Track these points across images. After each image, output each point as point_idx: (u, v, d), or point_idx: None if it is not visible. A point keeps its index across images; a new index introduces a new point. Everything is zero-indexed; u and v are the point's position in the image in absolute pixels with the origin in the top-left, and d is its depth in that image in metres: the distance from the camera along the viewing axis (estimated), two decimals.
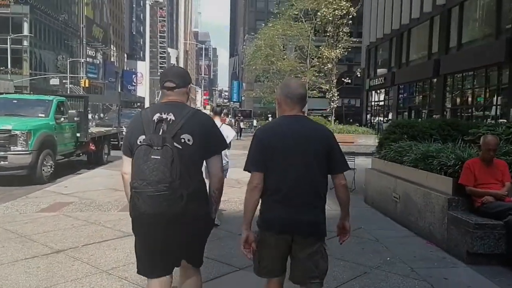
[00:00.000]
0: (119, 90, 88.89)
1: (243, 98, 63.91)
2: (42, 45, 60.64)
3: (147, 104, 15.99)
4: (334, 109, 19.43)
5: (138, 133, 2.43)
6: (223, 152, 2.80)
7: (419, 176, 5.88)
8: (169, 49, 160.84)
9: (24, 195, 7.89)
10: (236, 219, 5.53)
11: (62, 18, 66.56)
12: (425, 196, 5.56)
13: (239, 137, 26.61)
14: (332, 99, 19.09)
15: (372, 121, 34.21)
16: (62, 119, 10.54)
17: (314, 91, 28.59)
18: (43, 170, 9.58)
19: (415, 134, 7.50)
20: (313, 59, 25.49)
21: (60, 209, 6.80)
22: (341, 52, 19.36)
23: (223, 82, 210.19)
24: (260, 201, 2.58)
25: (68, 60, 60.52)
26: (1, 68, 48.92)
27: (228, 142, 5.83)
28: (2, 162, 8.89)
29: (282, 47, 28.53)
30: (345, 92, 36.32)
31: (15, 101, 10.89)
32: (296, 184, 2.49)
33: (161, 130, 2.38)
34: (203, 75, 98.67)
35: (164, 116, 2.43)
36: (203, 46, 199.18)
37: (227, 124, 6.51)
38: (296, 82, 2.77)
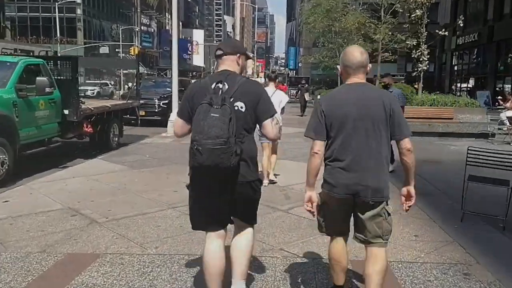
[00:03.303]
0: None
1: (300, 64, 59.10)
2: (96, 14, 59.46)
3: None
4: (422, 73, 14.64)
5: (201, 98, 2.53)
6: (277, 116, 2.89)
7: None
8: (225, 17, 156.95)
9: None
10: None
11: None
12: None
13: (303, 113, 21.14)
14: (421, 59, 14.34)
15: (457, 89, 28.41)
16: (29, 91, 7.08)
17: (387, 53, 23.59)
18: None
19: None
20: (386, 14, 20.49)
21: None
22: None
23: (280, 50, 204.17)
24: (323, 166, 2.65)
25: (120, 29, 58.61)
26: (59, 38, 47.62)
27: (282, 106, 6.28)
28: None
29: None
30: (409, 56, 30.41)
31: None
32: (358, 150, 2.55)
33: (220, 91, 2.54)
34: (256, 39, 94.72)
35: (219, 85, 2.57)
36: (260, 12, 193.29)
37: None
38: (355, 49, 2.73)
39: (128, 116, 12.19)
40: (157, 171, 7.44)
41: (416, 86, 14.34)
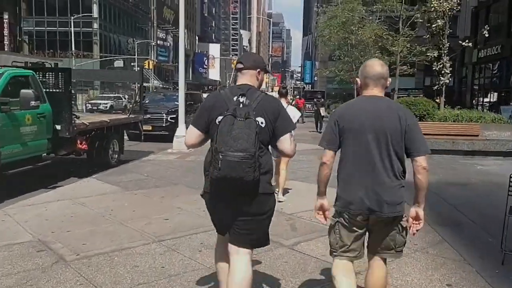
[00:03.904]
0: (191, 73, 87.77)
1: (315, 78, 58.36)
2: (112, 28, 59.92)
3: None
4: (444, 87, 13.66)
5: (222, 109, 2.51)
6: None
7: None
8: (242, 31, 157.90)
9: None
10: None
11: (132, 0, 65.44)
12: None
13: (317, 129, 19.82)
14: (443, 71, 13.39)
15: (478, 104, 27.21)
16: (13, 105, 6.49)
17: (405, 66, 22.68)
18: None
19: None
20: (405, 26, 19.66)
21: None
22: (456, 4, 13.49)
23: (296, 64, 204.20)
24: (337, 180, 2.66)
25: (135, 43, 58.93)
26: (74, 52, 47.98)
27: (294, 121, 5.53)
28: None
29: (363, 11, 22.66)
30: (428, 70, 29.38)
31: None
32: (371, 164, 2.51)
33: (241, 104, 2.50)
34: (271, 53, 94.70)
35: (241, 99, 2.53)
36: (276, 27, 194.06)
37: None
38: (375, 62, 2.72)
39: (130, 131, 11.66)
40: (152, 193, 6.74)
41: (437, 100, 13.46)
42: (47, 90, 7.80)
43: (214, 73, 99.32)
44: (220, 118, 2.48)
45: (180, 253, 4.15)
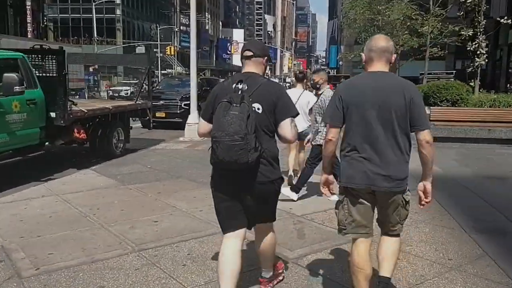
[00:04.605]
0: (214, 59, 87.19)
1: (340, 63, 56.75)
2: (135, 14, 59.67)
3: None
4: (479, 69, 12.42)
5: (223, 97, 2.54)
6: (303, 117, 3.63)
7: None
8: (266, 16, 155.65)
9: None
10: None
11: None
12: None
13: None
14: (478, 51, 12.13)
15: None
16: None
17: (435, 48, 21.30)
18: None
19: None
20: (435, 5, 18.26)
21: None
22: None
23: (321, 49, 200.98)
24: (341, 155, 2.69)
25: (157, 29, 58.53)
26: (98, 38, 47.97)
27: (310, 107, 5.84)
28: None
29: None
30: (459, 53, 27.52)
31: None
32: (376, 140, 2.52)
33: (239, 91, 2.56)
34: (294, 37, 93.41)
35: (239, 86, 2.58)
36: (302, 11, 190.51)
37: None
38: (379, 36, 2.74)
39: (138, 118, 11.06)
40: (149, 188, 6.06)
41: (471, 83, 12.24)
42: (41, 74, 7.22)
43: (237, 59, 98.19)
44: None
45: (160, 267, 3.44)
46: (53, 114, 7.09)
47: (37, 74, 7.19)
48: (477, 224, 4.54)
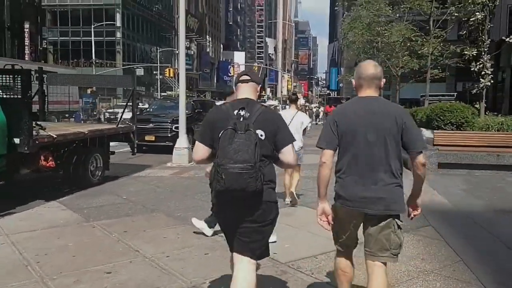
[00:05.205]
0: (215, 81, 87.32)
1: (341, 85, 56.52)
2: (135, 37, 59.81)
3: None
4: (484, 90, 11.75)
5: (224, 124, 2.53)
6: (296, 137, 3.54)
7: None
8: (267, 39, 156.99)
9: None
10: None
11: (156, 9, 65.48)
12: None
13: None
14: (483, 72, 11.49)
15: None
16: None
17: (436, 70, 20.75)
18: None
19: None
20: (434, 27, 17.75)
21: None
22: None
23: (322, 71, 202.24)
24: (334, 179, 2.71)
25: (158, 51, 58.61)
26: (97, 61, 47.89)
27: (303, 128, 6.19)
28: None
29: (390, 11, 20.82)
30: (460, 75, 27.02)
31: None
32: (369, 163, 2.56)
33: (242, 118, 2.56)
34: (293, 59, 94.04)
35: (241, 113, 2.58)
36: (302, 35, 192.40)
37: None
38: (368, 63, 2.77)
39: (121, 143, 10.34)
40: (115, 225, 5.29)
41: (477, 106, 11.57)
42: (8, 96, 6.57)
43: None
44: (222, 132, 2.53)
45: None
46: (16, 140, 6.39)
47: (2, 96, 6.53)
48: (497, 275, 3.76)
